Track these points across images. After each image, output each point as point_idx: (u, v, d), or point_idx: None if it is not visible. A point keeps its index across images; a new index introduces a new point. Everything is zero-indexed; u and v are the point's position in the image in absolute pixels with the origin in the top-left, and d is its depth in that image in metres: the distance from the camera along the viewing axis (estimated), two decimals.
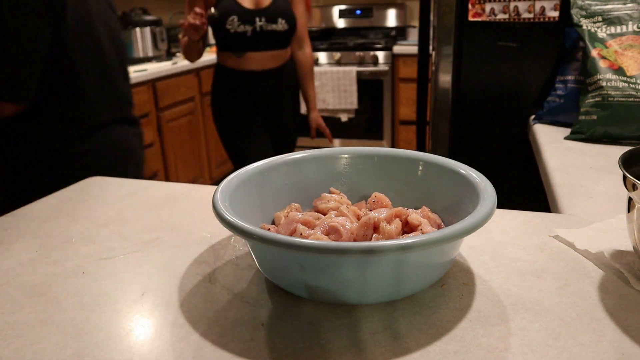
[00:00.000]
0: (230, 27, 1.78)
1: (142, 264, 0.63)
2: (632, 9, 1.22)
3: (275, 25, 1.85)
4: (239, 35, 1.82)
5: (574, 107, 1.23)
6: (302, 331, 0.49)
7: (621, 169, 0.52)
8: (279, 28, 1.86)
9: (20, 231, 0.75)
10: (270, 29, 1.84)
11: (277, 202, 0.65)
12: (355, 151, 0.70)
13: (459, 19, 1.50)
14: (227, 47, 1.89)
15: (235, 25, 1.78)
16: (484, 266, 0.59)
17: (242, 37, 1.82)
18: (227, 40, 1.85)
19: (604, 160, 0.99)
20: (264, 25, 1.82)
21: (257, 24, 1.81)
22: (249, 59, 1.88)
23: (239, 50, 1.86)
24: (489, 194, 0.53)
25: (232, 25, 1.78)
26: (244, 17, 1.80)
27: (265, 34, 1.85)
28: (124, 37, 3.11)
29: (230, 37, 1.82)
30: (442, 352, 0.45)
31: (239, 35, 1.81)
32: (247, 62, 1.89)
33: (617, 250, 0.60)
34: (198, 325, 0.50)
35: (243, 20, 1.80)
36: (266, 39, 1.87)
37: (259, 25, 1.82)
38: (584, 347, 0.45)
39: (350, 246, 0.44)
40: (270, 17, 1.83)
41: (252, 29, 1.81)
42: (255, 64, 1.90)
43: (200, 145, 3.24)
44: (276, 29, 1.86)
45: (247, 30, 1.80)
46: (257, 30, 1.82)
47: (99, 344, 0.48)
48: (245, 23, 1.80)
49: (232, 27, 1.78)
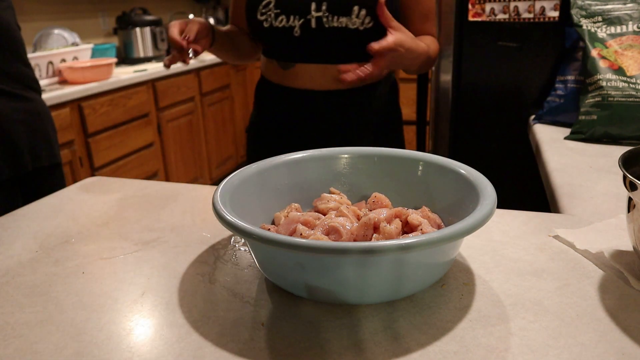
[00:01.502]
0: (263, 17, 1.04)
1: (142, 264, 0.63)
2: (632, 9, 1.22)
3: (346, 19, 1.01)
4: (279, 34, 1.05)
5: (574, 107, 1.23)
6: (302, 331, 0.49)
7: (621, 169, 0.52)
8: (353, 24, 1.02)
9: (20, 231, 0.75)
10: (337, 24, 1.02)
11: (277, 202, 0.65)
12: (355, 151, 0.70)
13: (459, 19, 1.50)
14: (267, 51, 1.15)
15: (273, 15, 1.03)
16: (484, 266, 0.59)
17: (285, 36, 1.05)
18: (264, 39, 1.11)
19: (604, 160, 0.99)
20: (326, 17, 1.01)
21: (312, 14, 1.02)
22: (300, 73, 1.09)
23: (285, 58, 1.10)
24: (489, 194, 0.53)
25: (268, 15, 1.04)
26: (289, 2, 1.03)
27: (328, 34, 1.03)
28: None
29: (267, 35, 1.07)
30: (442, 352, 0.45)
31: (280, 33, 1.05)
32: (296, 77, 1.10)
33: (617, 250, 0.60)
34: (198, 325, 0.50)
35: (286, 7, 1.03)
36: (329, 43, 1.05)
37: (317, 18, 1.02)
38: (584, 347, 0.45)
39: (350, 246, 0.44)
40: (337, 4, 1.01)
41: (303, 22, 1.02)
42: (309, 80, 1.09)
43: (200, 145, 3.24)
44: (348, 25, 1.02)
45: (295, 26, 1.03)
46: (311, 26, 1.02)
47: (99, 344, 0.48)
48: (290, 13, 1.03)
49: (267, 19, 1.04)
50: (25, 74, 1.28)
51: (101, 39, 3.24)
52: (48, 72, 2.39)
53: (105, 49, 2.92)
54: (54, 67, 2.41)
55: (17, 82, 1.25)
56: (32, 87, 1.30)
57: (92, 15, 3.17)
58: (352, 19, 1.01)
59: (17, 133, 1.22)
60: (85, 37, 3.08)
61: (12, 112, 1.21)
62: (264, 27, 1.05)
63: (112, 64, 2.50)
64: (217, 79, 3.32)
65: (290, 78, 1.10)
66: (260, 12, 1.05)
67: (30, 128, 1.25)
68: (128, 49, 3.15)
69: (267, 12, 1.04)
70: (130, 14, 3.15)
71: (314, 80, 1.09)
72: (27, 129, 1.24)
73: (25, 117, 1.24)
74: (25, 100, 1.25)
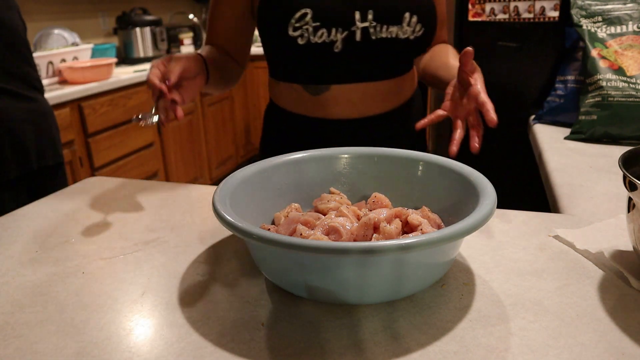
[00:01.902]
0: (298, 33, 0.83)
1: (142, 264, 0.63)
2: (632, 9, 1.22)
3: (397, 28, 0.85)
4: (316, 51, 0.85)
5: (574, 107, 1.23)
6: (302, 331, 0.49)
7: (621, 169, 0.52)
8: (404, 33, 0.86)
9: (20, 231, 0.75)
10: (386, 35, 0.85)
11: (277, 202, 0.65)
12: (355, 151, 0.70)
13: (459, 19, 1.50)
14: (290, 73, 0.93)
15: (310, 30, 0.83)
16: (484, 266, 0.59)
17: (323, 54, 0.85)
18: (290, 59, 0.90)
19: (604, 160, 0.99)
20: (373, 28, 0.84)
21: (357, 25, 0.83)
22: (335, 97, 0.90)
23: (316, 80, 0.90)
24: (489, 194, 0.53)
25: (304, 29, 0.83)
26: (330, 13, 0.83)
27: (375, 47, 0.86)
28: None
29: (301, 54, 0.86)
30: (442, 352, 0.45)
31: (318, 50, 0.85)
32: (328, 103, 0.90)
33: (617, 250, 0.60)
34: (198, 325, 0.50)
35: (326, 18, 0.83)
36: (375, 57, 0.88)
37: (363, 29, 0.84)
38: (584, 347, 0.45)
39: (350, 246, 0.44)
40: (386, 12, 0.84)
41: (347, 35, 0.84)
42: (346, 104, 0.90)
43: (200, 145, 3.24)
44: (398, 34, 0.86)
45: (336, 40, 0.84)
46: (355, 39, 0.84)
47: (99, 344, 0.48)
48: (332, 25, 0.83)
49: (302, 34, 0.83)
50: (30, 75, 1.29)
51: (101, 39, 3.24)
52: (48, 72, 2.39)
53: (105, 49, 2.92)
54: (54, 67, 2.41)
55: (23, 83, 1.25)
56: (37, 87, 1.30)
57: (92, 15, 3.17)
58: (402, 27, 0.85)
59: (24, 133, 1.23)
60: (85, 37, 3.07)
61: (19, 112, 1.22)
62: (298, 44, 0.84)
63: (112, 64, 2.50)
64: None
65: (321, 105, 0.90)
66: (293, 27, 0.83)
67: (36, 128, 1.26)
68: (128, 49, 3.15)
69: (303, 26, 0.83)
70: (130, 14, 3.15)
71: (352, 105, 0.90)
72: (33, 129, 1.25)
73: (32, 117, 1.25)
74: (30, 101, 1.26)
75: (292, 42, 0.85)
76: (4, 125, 1.18)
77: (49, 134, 1.31)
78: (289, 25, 0.83)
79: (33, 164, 1.25)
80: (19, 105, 1.23)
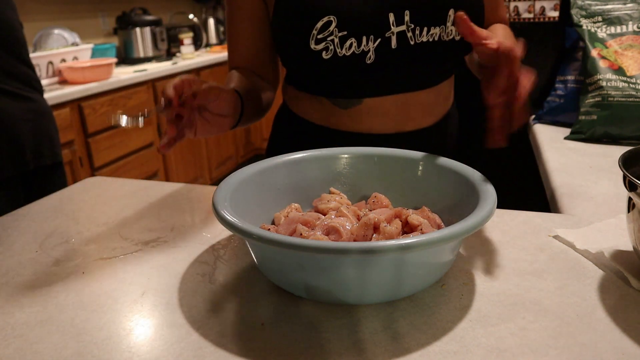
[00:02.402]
0: (322, 45, 0.72)
1: (142, 264, 0.63)
2: (632, 9, 1.22)
3: (439, 29, 0.73)
4: (345, 65, 0.73)
5: (574, 107, 1.23)
6: (302, 331, 0.49)
7: (621, 169, 0.52)
8: (448, 34, 0.74)
9: (20, 231, 0.75)
10: (427, 39, 0.73)
11: (277, 202, 0.65)
12: (355, 151, 0.70)
13: None
14: (314, 87, 0.82)
15: (337, 41, 0.71)
16: (484, 266, 0.59)
17: (353, 67, 0.74)
18: (315, 75, 0.79)
19: (604, 160, 0.99)
20: (412, 31, 0.72)
21: (392, 29, 0.72)
22: (368, 110, 0.79)
23: (346, 95, 0.79)
24: (489, 194, 0.53)
25: (328, 41, 0.71)
26: (359, 18, 0.71)
27: (414, 53, 0.74)
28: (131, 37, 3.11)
29: (327, 68, 0.74)
30: (442, 352, 0.45)
31: (347, 63, 0.73)
32: (364, 118, 0.79)
33: (617, 250, 0.60)
34: (198, 325, 0.50)
35: (354, 25, 0.71)
36: (416, 65, 0.76)
37: (399, 34, 0.72)
38: (584, 347, 0.45)
39: (350, 246, 0.44)
40: (425, 11, 0.72)
41: (380, 43, 0.72)
42: (384, 120, 0.79)
43: (200, 145, 3.24)
44: (442, 36, 0.74)
45: (368, 50, 0.72)
46: (391, 46, 0.72)
47: (99, 344, 0.48)
48: (362, 32, 0.71)
49: (327, 47, 0.72)
50: (28, 74, 1.29)
51: (101, 39, 3.24)
52: (48, 72, 2.39)
53: (105, 49, 2.92)
54: (54, 67, 2.41)
55: (21, 82, 1.26)
56: (35, 87, 1.31)
57: (92, 15, 3.17)
58: (447, 27, 0.72)
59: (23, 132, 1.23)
60: (85, 37, 3.07)
61: (18, 112, 1.23)
62: (322, 59, 0.71)
63: (112, 64, 2.50)
64: (217, 79, 3.32)
65: (352, 119, 0.78)
66: (315, 39, 0.71)
67: (34, 127, 1.26)
68: (128, 49, 3.15)
69: (328, 38, 0.70)
70: (130, 14, 3.15)
71: (388, 118, 0.78)
72: (32, 129, 1.26)
73: (30, 117, 1.26)
74: (28, 100, 1.26)
75: (315, 57, 0.72)
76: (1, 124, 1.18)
77: (47, 134, 1.31)
78: (311, 37, 0.71)
79: (29, 163, 1.25)
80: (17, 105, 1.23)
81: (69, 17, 2.98)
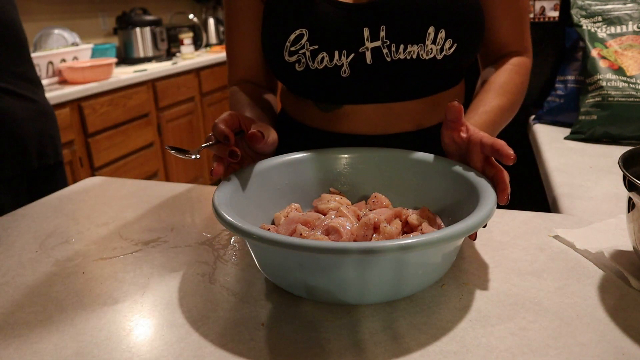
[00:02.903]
0: (294, 57, 0.72)
1: (142, 264, 0.63)
2: (632, 9, 1.22)
3: (417, 48, 0.69)
4: (319, 77, 0.74)
5: (574, 107, 1.23)
6: (302, 331, 0.49)
7: (621, 169, 0.52)
8: (428, 52, 0.70)
9: (20, 231, 0.75)
10: (404, 56, 0.70)
11: (277, 202, 0.65)
12: (355, 151, 0.70)
13: None
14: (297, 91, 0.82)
15: (308, 55, 0.72)
16: (484, 266, 0.59)
17: (328, 79, 0.73)
18: (297, 85, 0.80)
19: (604, 160, 0.99)
20: (387, 48, 0.70)
21: (366, 45, 0.70)
22: (348, 115, 0.78)
23: (326, 100, 0.78)
24: (489, 194, 0.53)
25: (300, 54, 0.72)
26: (330, 32, 0.71)
27: (391, 69, 0.71)
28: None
29: (301, 80, 0.76)
30: (442, 352, 0.45)
31: (320, 76, 0.73)
32: (341, 120, 0.79)
33: (617, 250, 0.60)
34: (198, 325, 0.50)
35: (325, 39, 0.71)
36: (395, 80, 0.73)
37: (374, 50, 0.70)
38: (584, 347, 0.45)
39: (350, 246, 0.44)
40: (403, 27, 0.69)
41: (354, 58, 0.71)
42: (363, 122, 0.78)
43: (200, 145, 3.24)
44: (420, 54, 0.70)
45: (342, 64, 0.71)
46: (366, 62, 0.71)
47: (99, 344, 0.48)
48: (334, 47, 0.71)
49: (300, 59, 0.72)
50: (30, 74, 1.29)
51: (101, 39, 3.24)
52: (48, 72, 2.39)
53: (105, 49, 2.92)
54: (54, 67, 2.41)
55: (25, 82, 1.26)
56: (38, 87, 1.31)
57: (92, 15, 3.17)
58: (426, 45, 0.68)
59: (28, 132, 1.24)
60: (85, 37, 3.07)
61: (22, 111, 1.23)
62: (296, 71, 0.73)
63: (112, 64, 2.50)
64: (217, 79, 3.32)
65: (333, 121, 0.78)
66: (288, 52, 0.71)
67: (37, 127, 1.27)
68: (128, 49, 3.15)
69: (300, 51, 0.71)
70: (130, 14, 3.15)
71: (370, 123, 0.77)
72: (35, 128, 1.26)
73: (33, 116, 1.27)
74: (31, 100, 1.27)
75: (289, 69, 0.73)
76: (6, 124, 1.19)
77: (50, 133, 1.32)
78: (285, 49, 0.72)
79: (34, 162, 1.25)
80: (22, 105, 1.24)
81: (69, 17, 2.98)
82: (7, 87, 1.20)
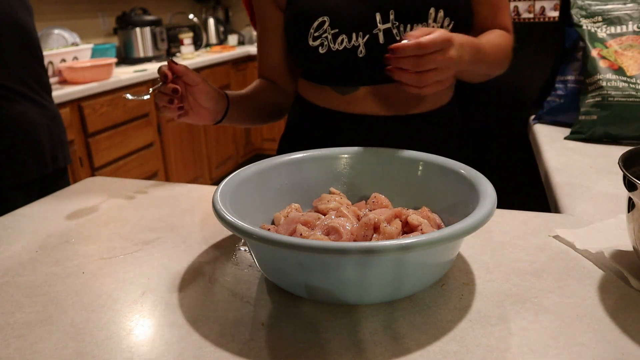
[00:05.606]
0: (318, 42, 0.84)
1: (142, 264, 0.63)
2: (632, 9, 1.22)
3: (421, 26, 0.82)
4: (339, 58, 0.85)
5: (574, 107, 1.23)
6: (302, 331, 0.49)
7: (621, 169, 0.52)
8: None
9: (20, 231, 0.75)
10: None
11: (277, 202, 0.65)
12: (355, 151, 0.70)
13: None
14: (317, 78, 0.92)
15: (330, 37, 0.83)
16: (484, 266, 0.59)
17: (347, 60, 0.84)
18: (320, 67, 0.89)
19: (604, 160, 0.99)
20: (397, 28, 0.82)
21: (379, 27, 0.82)
22: (364, 96, 0.87)
23: (344, 83, 0.88)
24: (489, 194, 0.53)
25: (323, 38, 0.83)
26: (348, 17, 0.83)
27: None
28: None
29: (324, 62, 0.86)
30: (442, 352, 0.45)
31: (341, 57, 0.84)
32: (358, 102, 0.88)
33: (617, 250, 0.60)
34: (198, 325, 0.50)
35: (345, 23, 0.83)
36: None
37: (385, 31, 0.82)
38: (584, 347, 0.45)
39: (350, 246, 0.44)
40: (408, 10, 0.81)
41: (369, 39, 0.82)
42: (379, 104, 0.87)
43: (200, 145, 3.24)
44: None
45: (359, 45, 0.83)
46: (379, 42, 0.82)
47: (99, 344, 0.48)
48: (352, 30, 0.83)
49: (322, 43, 0.84)
50: (45, 79, 1.31)
51: (101, 39, 3.24)
52: (48, 72, 2.39)
53: (105, 49, 2.92)
54: (54, 67, 2.41)
55: (39, 86, 1.28)
56: (48, 92, 1.33)
57: (92, 15, 3.17)
58: (429, 24, 0.81)
59: (43, 137, 1.26)
60: (85, 37, 3.07)
61: (37, 115, 1.25)
62: (319, 53, 0.84)
63: (112, 64, 2.50)
64: (217, 79, 3.32)
65: (352, 103, 0.89)
66: (312, 37, 0.84)
67: (50, 132, 1.29)
68: (128, 49, 3.15)
69: (322, 35, 0.83)
70: (130, 14, 3.15)
71: (383, 103, 0.87)
72: (49, 133, 1.29)
73: (47, 122, 1.29)
74: (44, 105, 1.29)
75: (313, 52, 0.85)
76: (23, 128, 1.21)
77: (60, 137, 1.33)
78: (309, 35, 0.84)
79: (49, 166, 1.27)
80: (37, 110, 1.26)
81: (69, 17, 2.98)
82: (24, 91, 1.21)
